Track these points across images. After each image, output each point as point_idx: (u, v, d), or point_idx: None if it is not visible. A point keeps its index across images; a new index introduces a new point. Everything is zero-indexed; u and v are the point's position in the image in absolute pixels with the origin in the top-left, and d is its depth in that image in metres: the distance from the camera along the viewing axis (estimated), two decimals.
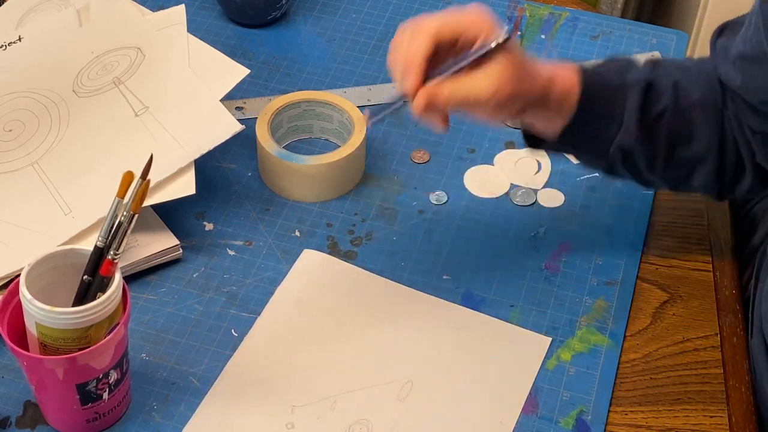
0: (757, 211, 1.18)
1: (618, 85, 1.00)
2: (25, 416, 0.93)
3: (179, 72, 1.11)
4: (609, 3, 2.06)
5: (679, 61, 1.06)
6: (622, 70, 1.01)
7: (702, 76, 1.02)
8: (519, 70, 0.90)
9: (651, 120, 1.00)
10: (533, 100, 0.94)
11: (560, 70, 0.97)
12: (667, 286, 1.06)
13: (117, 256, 0.88)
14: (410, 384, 0.96)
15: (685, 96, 1.01)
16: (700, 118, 1.01)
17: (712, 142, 1.01)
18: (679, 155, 1.02)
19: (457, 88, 0.89)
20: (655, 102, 1.00)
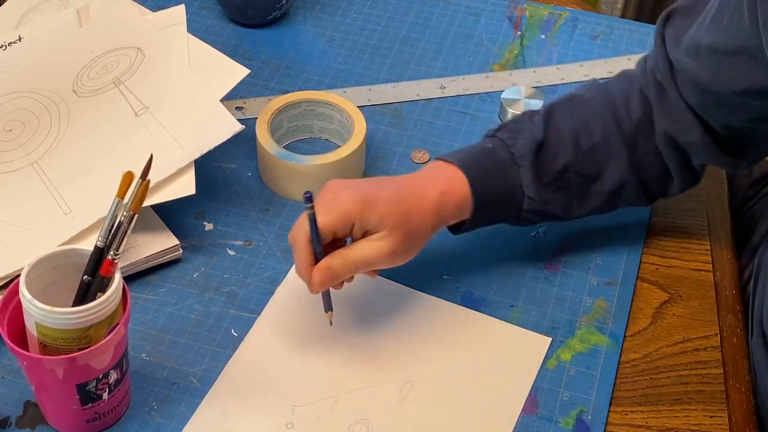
0: (756, 211, 1.18)
1: (507, 162, 1.01)
2: (25, 416, 0.93)
3: (179, 72, 1.11)
4: (609, 3, 2.06)
5: (575, 101, 1.05)
6: (510, 142, 1.02)
7: (603, 107, 1.03)
8: (406, 227, 0.94)
9: (553, 178, 1.02)
10: (428, 234, 0.98)
11: (445, 186, 0.98)
12: (667, 286, 1.06)
13: (117, 256, 0.88)
14: (410, 384, 0.96)
15: (586, 139, 1.02)
16: (606, 155, 1.03)
17: (625, 170, 1.03)
18: (594, 191, 1.03)
19: (349, 263, 0.93)
20: (552, 161, 1.02)
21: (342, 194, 0.94)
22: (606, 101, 1.03)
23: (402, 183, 0.98)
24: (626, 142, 1.02)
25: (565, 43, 1.30)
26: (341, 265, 0.93)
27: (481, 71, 1.27)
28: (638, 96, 1.03)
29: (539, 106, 1.19)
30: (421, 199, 0.97)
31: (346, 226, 0.94)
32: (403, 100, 1.23)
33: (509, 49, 1.29)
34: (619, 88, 1.04)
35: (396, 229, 0.94)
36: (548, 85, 1.25)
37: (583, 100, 1.05)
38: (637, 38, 1.31)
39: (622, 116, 1.02)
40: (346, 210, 0.93)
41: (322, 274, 0.93)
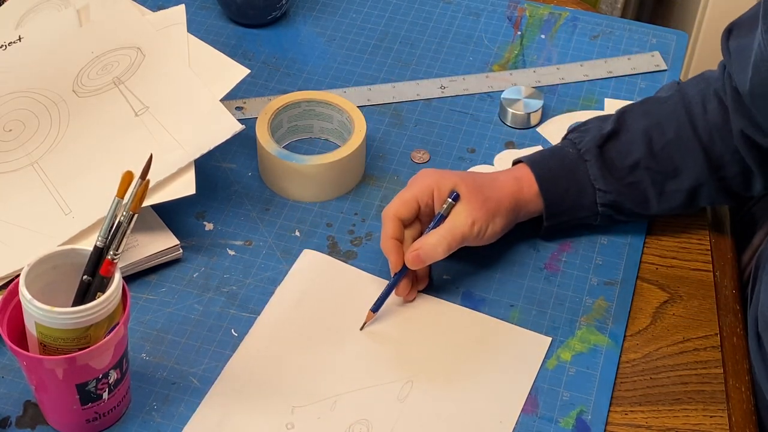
0: (757, 212, 1.18)
1: (574, 159, 1.05)
2: (25, 416, 0.93)
3: (179, 72, 1.11)
4: (609, 3, 2.06)
5: (650, 101, 1.09)
6: (578, 140, 1.06)
7: (678, 107, 1.05)
8: (480, 197, 1.01)
9: (625, 173, 1.05)
10: (507, 209, 1.03)
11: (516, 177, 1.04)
12: (667, 286, 1.06)
13: (117, 256, 0.88)
14: (410, 384, 0.96)
15: (659, 137, 1.05)
16: (681, 153, 1.05)
17: (701, 170, 1.05)
18: (671, 189, 1.06)
19: (437, 238, 0.99)
20: (624, 156, 1.05)
21: (422, 172, 1.03)
22: (681, 101, 1.06)
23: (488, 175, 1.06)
24: (702, 142, 1.05)
25: (565, 43, 1.30)
26: (436, 240, 0.99)
27: (481, 71, 1.27)
28: (715, 97, 1.05)
29: (539, 106, 1.20)
30: (494, 179, 1.04)
31: (426, 194, 1.01)
32: (403, 100, 1.23)
33: (509, 49, 1.29)
34: (697, 89, 1.06)
35: (472, 196, 1.00)
36: (548, 85, 1.25)
37: (659, 100, 1.08)
38: (637, 38, 1.31)
39: (698, 116, 1.05)
40: (426, 181, 1.02)
41: (419, 250, 0.99)
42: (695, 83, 1.08)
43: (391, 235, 1.01)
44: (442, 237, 0.99)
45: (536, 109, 1.19)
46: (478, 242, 1.02)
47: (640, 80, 1.26)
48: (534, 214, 1.06)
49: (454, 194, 1.01)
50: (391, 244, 1.00)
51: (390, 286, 1.01)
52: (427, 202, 1.02)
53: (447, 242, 0.99)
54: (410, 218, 1.02)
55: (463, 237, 1.00)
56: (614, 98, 1.23)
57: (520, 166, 1.06)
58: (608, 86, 1.25)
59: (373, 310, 1.00)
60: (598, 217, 1.07)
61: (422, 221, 1.03)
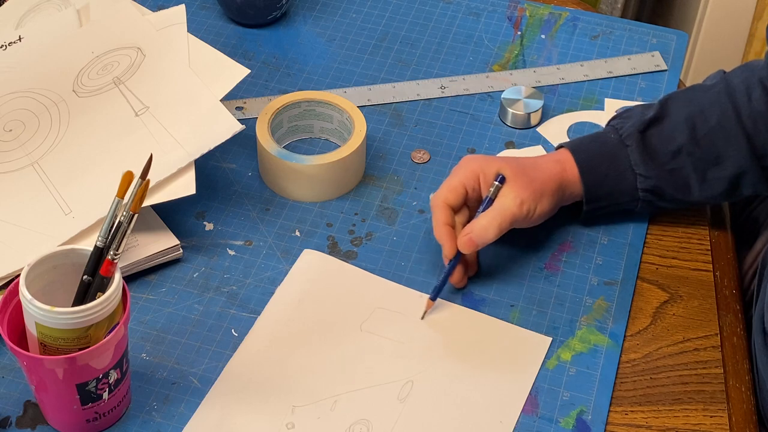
0: (759, 214, 1.18)
1: (615, 144, 1.06)
2: (25, 416, 0.93)
3: (179, 72, 1.11)
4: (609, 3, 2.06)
5: (694, 89, 1.09)
6: (619, 126, 1.07)
7: (722, 95, 1.06)
8: (525, 178, 1.02)
9: (667, 159, 1.05)
10: (553, 189, 1.04)
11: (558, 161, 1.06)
12: (667, 286, 1.06)
13: (117, 256, 0.88)
14: (410, 384, 0.96)
15: (702, 124, 1.05)
16: (724, 141, 1.05)
17: (744, 158, 1.05)
18: (713, 176, 1.06)
19: (488, 220, 1.01)
20: (666, 142, 1.05)
21: (466, 158, 1.05)
22: (726, 89, 1.06)
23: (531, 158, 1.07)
24: (745, 130, 1.05)
25: (565, 43, 1.30)
26: (487, 222, 1.00)
27: (481, 71, 1.27)
28: (760, 86, 1.05)
29: (539, 106, 1.19)
30: (536, 162, 1.06)
31: (472, 179, 1.03)
32: (403, 100, 1.23)
33: (509, 49, 1.29)
34: (741, 78, 1.07)
35: (517, 177, 1.02)
36: (548, 85, 1.25)
37: (703, 88, 1.08)
38: (637, 38, 1.31)
39: (742, 104, 1.05)
40: (470, 166, 1.03)
41: (470, 233, 1.00)
42: (740, 72, 1.08)
43: (443, 221, 1.02)
44: (492, 218, 1.01)
45: (536, 109, 1.19)
46: (527, 223, 1.04)
47: (640, 80, 1.26)
48: (577, 198, 1.07)
49: (500, 177, 1.02)
50: (445, 231, 1.01)
51: (446, 274, 1.02)
52: (473, 187, 1.03)
53: (498, 223, 1.01)
54: (459, 204, 1.03)
55: (513, 217, 1.01)
56: (614, 98, 1.23)
57: (561, 151, 1.07)
58: (608, 86, 1.25)
59: (431, 299, 1.01)
60: (639, 202, 1.07)
61: (470, 207, 1.04)
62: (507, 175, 1.02)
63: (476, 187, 1.03)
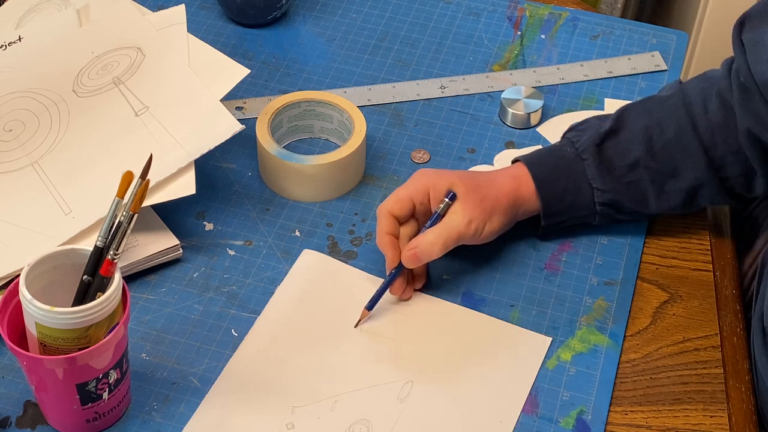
0: (759, 214, 1.18)
1: (572, 158, 1.05)
2: (25, 416, 0.93)
3: (179, 72, 1.11)
4: (609, 3, 2.06)
5: (651, 100, 1.08)
6: (575, 139, 1.06)
7: (679, 106, 1.05)
8: (477, 196, 1.01)
9: (624, 172, 1.05)
10: (505, 207, 1.03)
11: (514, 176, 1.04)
12: (667, 286, 1.06)
13: (117, 256, 0.88)
14: (410, 384, 0.96)
15: (659, 136, 1.05)
16: (681, 153, 1.05)
17: (701, 170, 1.05)
18: (670, 188, 1.06)
19: (434, 236, 1.00)
20: (623, 155, 1.05)
21: (420, 171, 1.04)
22: (682, 101, 1.06)
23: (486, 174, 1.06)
24: (702, 142, 1.04)
25: (565, 43, 1.30)
26: (433, 238, 0.99)
27: (481, 71, 1.27)
28: (717, 97, 1.04)
29: (539, 106, 1.19)
30: (492, 178, 1.05)
31: (421, 193, 1.01)
32: (403, 100, 1.23)
33: (509, 49, 1.29)
34: (698, 89, 1.06)
35: (468, 195, 1.01)
36: (548, 85, 1.25)
37: (660, 99, 1.08)
38: (637, 38, 1.31)
39: (699, 116, 1.05)
40: (422, 181, 1.02)
41: (415, 249, 0.99)
42: (697, 83, 1.07)
43: (386, 230, 1.01)
44: (438, 236, 0.99)
45: (536, 109, 1.19)
46: (475, 241, 1.02)
47: (640, 80, 1.26)
48: (533, 213, 1.06)
49: (450, 194, 1.01)
50: (387, 240, 1.01)
51: (385, 284, 1.01)
52: (422, 201, 1.02)
53: (443, 240, 0.99)
54: (404, 216, 1.02)
55: (460, 235, 1.00)
56: (614, 98, 1.23)
57: (517, 165, 1.06)
58: (608, 86, 1.25)
59: (367, 308, 1.00)
60: (597, 216, 1.07)
61: (419, 220, 1.03)
62: (458, 192, 1.01)
63: (425, 201, 1.01)
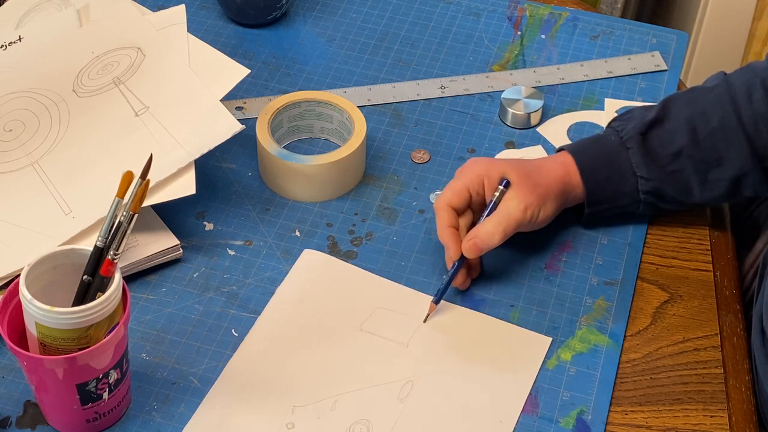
0: (760, 214, 1.18)
1: (616, 146, 1.06)
2: (25, 416, 0.93)
3: (179, 72, 1.11)
4: (609, 3, 2.06)
5: (695, 90, 1.09)
6: (620, 128, 1.07)
7: (723, 96, 1.06)
8: (530, 182, 1.03)
9: (668, 161, 1.05)
10: (557, 193, 1.04)
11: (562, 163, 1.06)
12: (667, 286, 1.06)
13: (117, 256, 0.88)
14: (410, 384, 0.96)
15: (703, 126, 1.05)
16: (725, 142, 1.05)
17: (745, 159, 1.05)
18: (714, 178, 1.06)
19: (493, 225, 1.01)
20: (667, 144, 1.05)
21: (471, 161, 1.05)
22: (727, 91, 1.06)
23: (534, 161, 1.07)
24: (746, 131, 1.05)
25: (565, 43, 1.30)
26: (492, 227, 1.01)
27: (481, 71, 1.27)
28: (761, 87, 1.05)
29: (539, 106, 1.20)
30: (541, 165, 1.06)
31: (477, 183, 1.03)
32: (403, 100, 1.23)
33: (509, 49, 1.29)
34: (743, 79, 1.06)
35: (522, 181, 1.02)
36: (548, 85, 1.25)
37: (704, 90, 1.08)
38: (637, 38, 1.31)
39: (743, 106, 1.05)
40: (475, 170, 1.03)
41: (475, 238, 1.00)
42: (741, 73, 1.08)
43: (447, 223, 1.02)
44: (497, 224, 1.01)
45: (536, 109, 1.19)
46: (531, 227, 1.04)
47: (640, 80, 1.26)
48: (580, 200, 1.07)
49: (504, 181, 1.02)
50: (449, 233, 1.01)
51: (450, 276, 1.02)
52: (477, 191, 1.03)
53: (503, 228, 1.01)
54: (462, 207, 1.03)
55: (518, 222, 1.01)
56: (614, 98, 1.23)
57: (562, 153, 1.07)
58: (608, 86, 1.25)
59: (435, 302, 1.01)
60: (640, 204, 1.07)
61: (474, 210, 1.04)
62: (512, 179, 1.02)
63: (480, 190, 1.03)
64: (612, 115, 1.21)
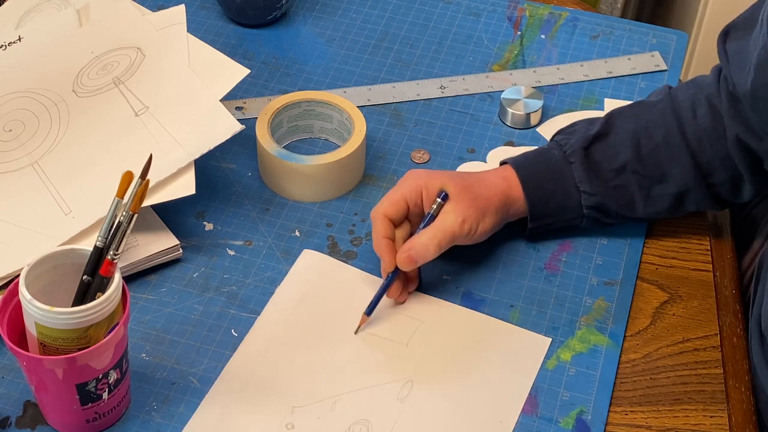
0: (758, 213, 1.18)
1: (559, 161, 1.05)
2: (25, 416, 0.93)
3: (179, 72, 1.11)
4: (609, 3, 2.06)
5: (640, 105, 1.08)
6: (563, 142, 1.06)
7: (667, 111, 1.05)
8: (469, 195, 1.01)
9: (611, 176, 1.04)
10: (497, 207, 1.03)
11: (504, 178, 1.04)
12: (667, 286, 1.06)
13: (117, 257, 0.88)
14: (410, 384, 0.96)
15: (647, 141, 1.05)
16: (668, 158, 1.05)
17: (689, 175, 1.05)
18: (657, 193, 1.05)
19: (428, 237, 0.99)
20: (611, 159, 1.04)
21: (410, 173, 1.03)
22: (671, 106, 1.06)
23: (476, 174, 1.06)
24: (690, 147, 1.04)
25: (565, 43, 1.30)
26: (427, 239, 0.99)
27: (481, 71, 1.27)
28: (706, 103, 1.04)
29: (539, 106, 1.20)
30: (482, 179, 1.04)
31: (415, 194, 1.01)
32: (403, 100, 1.23)
33: (509, 49, 1.29)
34: (687, 95, 1.06)
35: (460, 195, 1.01)
36: (548, 85, 1.25)
37: (648, 104, 1.07)
38: (637, 38, 1.31)
39: (687, 121, 1.04)
40: (414, 181, 1.02)
41: (410, 250, 0.99)
42: (686, 88, 1.07)
43: (383, 234, 1.00)
44: (432, 236, 0.99)
45: (536, 109, 1.19)
46: (468, 241, 1.02)
47: (640, 80, 1.26)
48: (522, 215, 1.06)
49: (443, 194, 1.01)
50: (384, 244, 1.00)
51: (383, 288, 1.01)
52: (416, 202, 1.01)
53: (437, 241, 0.99)
54: (400, 218, 1.01)
55: (454, 235, 1.00)
56: (614, 98, 1.23)
57: (505, 167, 1.06)
58: (608, 86, 1.25)
59: (366, 314, 1.00)
60: (584, 219, 1.06)
61: (411, 222, 1.03)
62: (450, 192, 1.01)
63: (418, 202, 1.01)
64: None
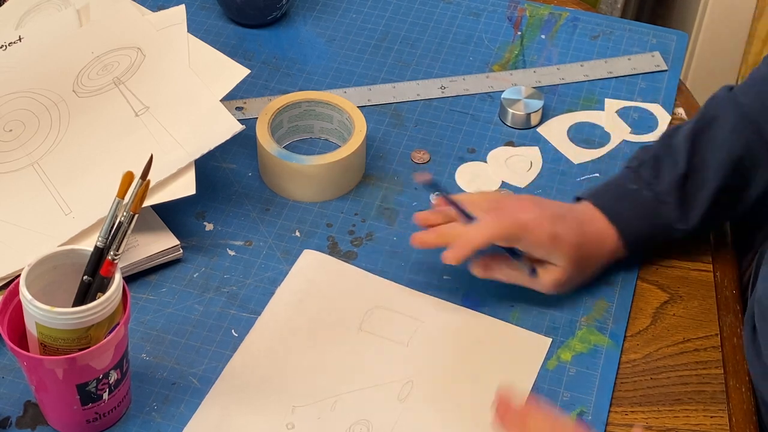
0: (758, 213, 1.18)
1: (652, 202, 1.04)
2: (25, 416, 0.93)
3: (179, 72, 1.11)
4: (609, 3, 2.06)
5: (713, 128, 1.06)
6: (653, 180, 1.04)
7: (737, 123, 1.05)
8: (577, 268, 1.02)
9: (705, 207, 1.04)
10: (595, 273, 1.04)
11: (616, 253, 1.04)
12: (667, 286, 1.06)
13: (117, 257, 0.88)
14: (410, 384, 0.96)
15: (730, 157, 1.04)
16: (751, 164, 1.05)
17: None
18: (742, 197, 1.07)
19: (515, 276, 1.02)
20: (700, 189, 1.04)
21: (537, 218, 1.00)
22: (740, 113, 1.05)
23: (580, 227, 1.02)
24: None
25: (565, 43, 1.30)
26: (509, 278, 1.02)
27: (481, 71, 1.27)
28: None
29: (539, 107, 1.19)
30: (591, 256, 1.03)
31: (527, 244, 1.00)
32: (403, 100, 1.23)
33: (509, 49, 1.29)
34: (752, 93, 1.05)
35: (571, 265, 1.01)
36: (548, 85, 1.25)
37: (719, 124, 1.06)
38: (637, 38, 1.31)
39: (763, 123, 1.04)
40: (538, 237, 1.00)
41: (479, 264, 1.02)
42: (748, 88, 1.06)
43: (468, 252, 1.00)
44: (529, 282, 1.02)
45: (536, 109, 1.19)
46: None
47: (640, 80, 1.26)
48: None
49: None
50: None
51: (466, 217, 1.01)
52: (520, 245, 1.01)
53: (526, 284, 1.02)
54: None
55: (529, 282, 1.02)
56: (614, 98, 1.23)
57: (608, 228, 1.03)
58: (608, 86, 1.25)
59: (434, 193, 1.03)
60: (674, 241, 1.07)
61: None
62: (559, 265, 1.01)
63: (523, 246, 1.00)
64: (612, 115, 1.21)
